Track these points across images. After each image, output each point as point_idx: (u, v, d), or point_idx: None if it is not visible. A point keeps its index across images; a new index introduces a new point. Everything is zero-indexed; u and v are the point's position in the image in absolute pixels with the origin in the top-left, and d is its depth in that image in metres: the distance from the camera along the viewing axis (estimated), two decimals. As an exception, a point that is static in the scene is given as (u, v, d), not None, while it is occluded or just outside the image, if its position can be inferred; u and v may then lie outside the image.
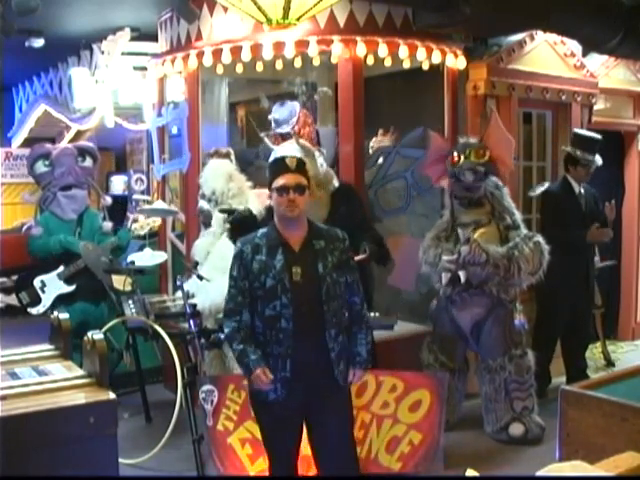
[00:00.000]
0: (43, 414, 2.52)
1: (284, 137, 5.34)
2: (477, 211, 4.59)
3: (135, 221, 5.37)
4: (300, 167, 3.08)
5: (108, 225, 5.37)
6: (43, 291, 5.15)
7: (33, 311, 5.16)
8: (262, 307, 3.00)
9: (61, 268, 5.16)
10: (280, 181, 3.03)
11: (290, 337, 2.95)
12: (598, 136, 5.42)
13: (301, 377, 2.99)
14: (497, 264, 4.39)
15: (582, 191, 5.40)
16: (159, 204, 5.37)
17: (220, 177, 4.64)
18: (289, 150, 4.22)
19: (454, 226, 4.64)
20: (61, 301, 5.12)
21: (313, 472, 3.55)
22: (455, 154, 4.56)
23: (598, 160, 5.36)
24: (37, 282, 5.16)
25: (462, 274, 4.46)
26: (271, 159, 4.26)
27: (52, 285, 5.16)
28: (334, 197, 4.44)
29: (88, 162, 5.49)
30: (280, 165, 3.11)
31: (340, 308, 3.05)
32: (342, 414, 3.15)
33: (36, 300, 5.15)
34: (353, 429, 3.29)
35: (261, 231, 3.15)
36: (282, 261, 2.99)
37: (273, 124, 5.36)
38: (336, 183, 4.59)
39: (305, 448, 3.31)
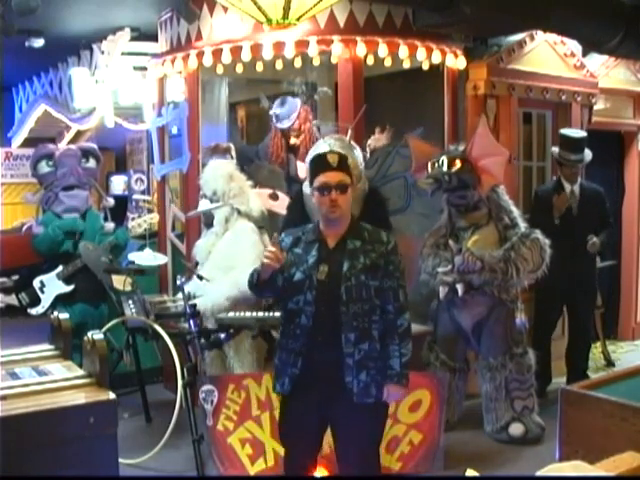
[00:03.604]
0: (43, 414, 2.52)
1: (284, 133, 5.34)
2: (475, 215, 4.58)
3: (132, 219, 5.37)
4: (342, 164, 2.95)
5: (110, 225, 5.37)
6: (42, 291, 5.16)
7: (33, 312, 5.18)
8: (286, 300, 2.97)
9: (60, 268, 5.17)
10: (321, 179, 2.92)
11: (306, 335, 2.90)
12: (581, 134, 5.40)
13: (313, 376, 2.91)
14: (494, 269, 4.39)
15: (576, 190, 5.38)
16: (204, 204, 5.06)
17: (220, 178, 4.63)
18: (328, 142, 4.20)
19: (453, 230, 4.64)
20: (61, 302, 5.13)
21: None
22: (434, 161, 4.54)
23: (587, 156, 5.35)
24: (36, 282, 5.18)
25: (460, 287, 4.45)
26: (311, 155, 4.25)
27: (51, 285, 5.16)
28: (367, 198, 4.41)
29: (91, 163, 5.51)
30: (321, 162, 2.99)
31: (367, 313, 2.90)
32: (357, 424, 2.95)
33: (35, 300, 5.16)
34: (374, 442, 3.07)
35: (307, 226, 3.11)
36: (315, 257, 2.93)
37: (274, 119, 5.36)
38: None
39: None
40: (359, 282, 2.90)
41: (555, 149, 5.45)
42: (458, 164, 4.44)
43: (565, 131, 5.48)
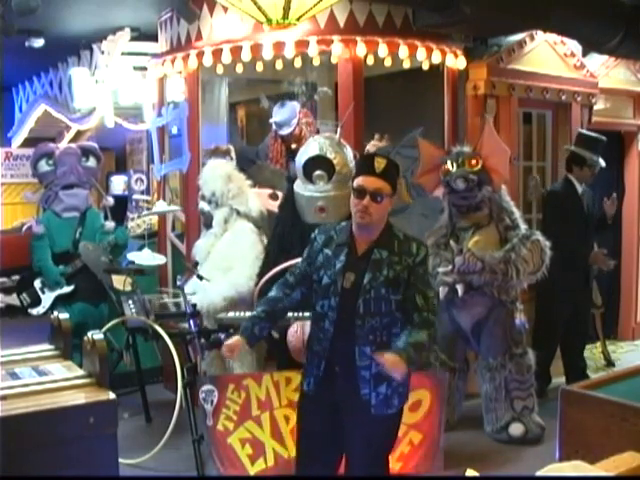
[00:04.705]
0: (43, 414, 2.52)
1: (284, 139, 5.35)
2: (476, 215, 4.59)
3: (132, 220, 5.38)
4: (387, 172, 2.82)
5: (110, 225, 5.38)
6: (43, 292, 5.16)
7: (33, 312, 5.18)
8: (315, 301, 2.93)
9: (60, 268, 5.16)
10: (359, 181, 2.82)
11: (329, 340, 2.85)
12: (603, 137, 5.43)
13: (333, 380, 2.88)
14: (494, 270, 4.39)
15: (584, 191, 5.41)
16: (160, 205, 5.39)
17: (219, 178, 4.64)
18: (318, 141, 4.20)
19: (454, 230, 4.65)
20: (60, 301, 5.13)
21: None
22: (448, 163, 4.56)
23: (602, 162, 5.38)
24: (37, 283, 5.18)
25: (460, 288, 4.46)
26: (302, 151, 4.24)
27: (52, 285, 5.16)
28: None
29: (92, 162, 5.52)
30: (365, 164, 2.89)
31: (385, 326, 2.81)
32: (370, 434, 2.87)
33: (36, 301, 5.16)
34: (386, 450, 3.03)
35: (341, 224, 2.99)
36: (343, 262, 2.84)
37: (274, 126, 5.36)
38: None
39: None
40: (379, 295, 2.80)
41: (571, 147, 5.44)
42: (479, 163, 4.47)
43: (588, 132, 5.51)
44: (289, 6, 3.81)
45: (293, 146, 5.24)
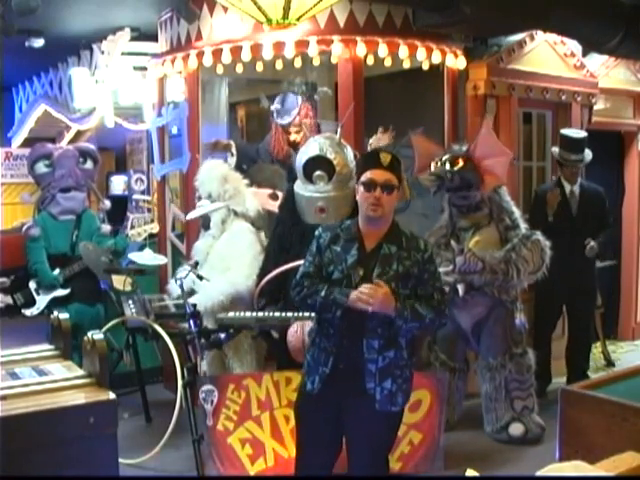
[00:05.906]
0: (43, 414, 2.52)
1: (285, 127, 5.32)
2: (476, 215, 4.59)
3: (132, 227, 5.36)
4: (393, 165, 2.90)
5: (107, 228, 5.37)
6: (38, 293, 5.15)
7: (27, 312, 5.16)
8: None
9: (57, 271, 5.15)
10: (368, 175, 2.87)
11: (338, 334, 2.86)
12: (581, 134, 5.42)
13: (338, 377, 2.88)
14: (495, 270, 4.39)
15: (576, 191, 5.39)
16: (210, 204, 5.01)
17: (215, 180, 4.63)
18: (318, 141, 4.20)
19: (454, 230, 4.65)
20: (57, 302, 5.11)
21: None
22: (437, 160, 4.56)
23: (587, 156, 5.37)
24: (32, 284, 5.15)
25: (460, 288, 4.46)
26: (302, 152, 4.24)
27: (47, 288, 5.15)
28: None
29: (89, 164, 5.50)
30: (372, 159, 2.95)
31: (394, 320, 2.83)
32: (373, 430, 2.91)
33: (30, 302, 5.14)
34: (387, 448, 3.07)
35: (345, 222, 3.03)
36: (355, 257, 2.87)
37: (275, 114, 5.35)
38: None
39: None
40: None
41: (555, 149, 5.47)
42: (461, 163, 4.46)
43: (565, 131, 5.49)
44: (289, 6, 3.81)
45: (293, 137, 5.23)
